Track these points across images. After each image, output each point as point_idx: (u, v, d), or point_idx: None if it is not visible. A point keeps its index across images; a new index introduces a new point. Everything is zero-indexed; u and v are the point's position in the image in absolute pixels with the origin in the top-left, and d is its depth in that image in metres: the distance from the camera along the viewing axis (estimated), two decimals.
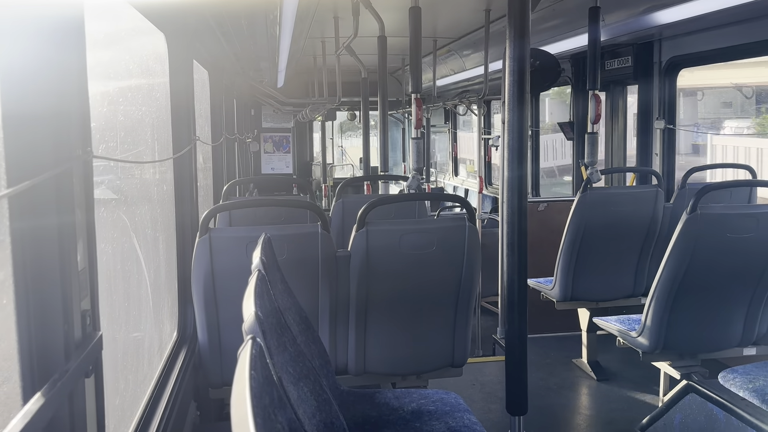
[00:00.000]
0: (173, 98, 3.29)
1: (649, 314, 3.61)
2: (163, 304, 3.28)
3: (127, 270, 2.68)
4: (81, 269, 1.50)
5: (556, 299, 4.80)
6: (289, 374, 1.98)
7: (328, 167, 12.47)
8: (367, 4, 5.00)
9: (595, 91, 4.60)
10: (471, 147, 12.07)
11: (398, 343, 3.46)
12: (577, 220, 4.51)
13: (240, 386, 1.22)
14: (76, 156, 1.48)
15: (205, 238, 3.07)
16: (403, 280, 3.35)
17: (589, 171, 4.55)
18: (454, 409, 2.93)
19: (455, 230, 3.31)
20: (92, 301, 1.58)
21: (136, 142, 2.97)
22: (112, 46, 2.59)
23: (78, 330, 1.48)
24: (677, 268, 3.46)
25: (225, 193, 4.40)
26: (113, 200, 2.59)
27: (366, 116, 6.98)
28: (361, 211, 3.23)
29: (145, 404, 2.56)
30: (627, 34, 5.14)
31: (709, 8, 4.17)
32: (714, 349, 3.75)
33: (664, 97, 5.39)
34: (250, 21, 4.58)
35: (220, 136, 5.24)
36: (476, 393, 4.63)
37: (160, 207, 3.27)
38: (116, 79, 2.57)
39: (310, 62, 9.20)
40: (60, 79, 1.47)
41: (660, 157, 5.48)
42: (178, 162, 3.35)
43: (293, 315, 2.66)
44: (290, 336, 2.28)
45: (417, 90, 4.21)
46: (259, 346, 1.47)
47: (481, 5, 6.02)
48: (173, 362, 3.06)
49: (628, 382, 4.73)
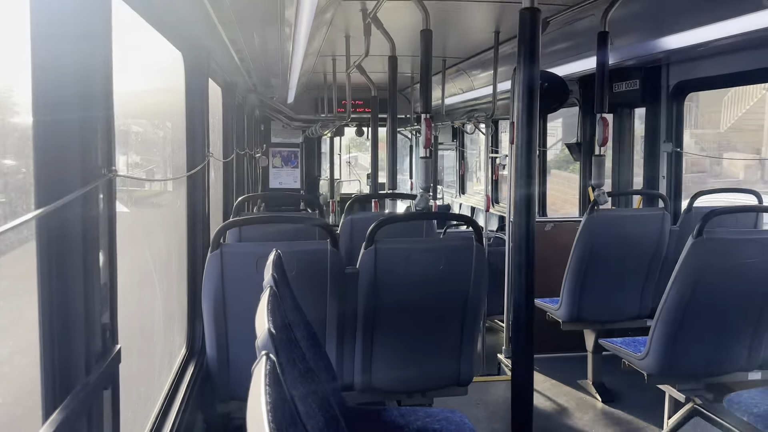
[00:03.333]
0: (188, 115, 3.36)
1: (654, 337, 3.62)
2: (173, 318, 3.32)
3: (141, 283, 2.72)
4: (103, 283, 1.54)
5: (562, 320, 4.81)
6: (298, 390, 2.01)
7: (336, 183, 12.53)
8: (379, 24, 5.08)
9: (602, 114, 4.65)
10: (476, 165, 12.12)
11: (404, 360, 3.49)
12: (584, 241, 4.53)
13: (255, 402, 1.25)
14: (101, 175, 1.53)
15: (216, 253, 3.11)
16: (410, 298, 3.39)
17: (596, 193, 4.59)
18: (459, 428, 2.95)
19: (463, 249, 3.34)
20: (111, 314, 1.63)
21: (150, 159, 3.03)
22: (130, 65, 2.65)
23: (98, 343, 1.52)
24: (683, 291, 3.48)
25: (236, 209, 4.46)
26: (126, 213, 2.64)
27: (375, 133, 7.04)
28: (370, 229, 3.28)
29: (155, 417, 2.60)
30: (635, 58, 5.20)
31: (717, 35, 4.23)
32: (719, 372, 3.75)
33: (671, 120, 5.43)
34: (263, 39, 4.67)
35: (230, 151, 5.30)
36: (480, 412, 4.63)
37: (173, 222, 3.32)
38: (134, 97, 2.63)
39: (320, 79, 9.30)
40: (88, 102, 1.52)
41: (667, 180, 5.52)
42: (192, 178, 3.41)
43: (302, 331, 2.69)
44: (299, 352, 2.31)
45: (427, 110, 4.27)
46: (272, 362, 1.50)
47: (491, 27, 6.10)
48: (182, 376, 3.10)
49: (634, 405, 4.72)
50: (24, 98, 1.40)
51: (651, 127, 5.66)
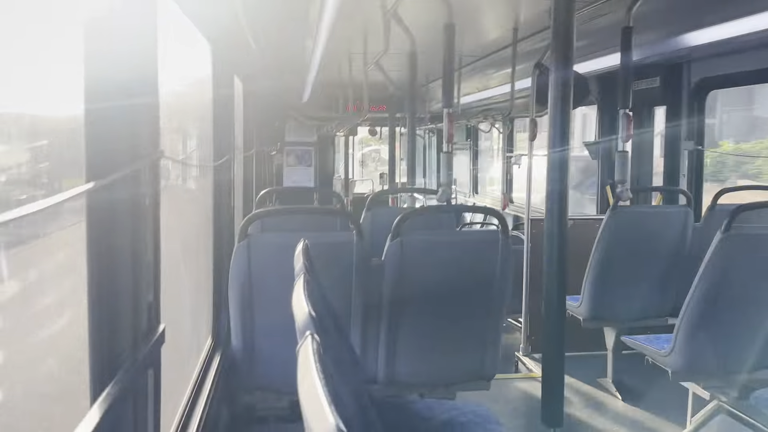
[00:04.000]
0: (216, 109, 3.37)
1: (680, 333, 3.59)
2: (201, 308, 3.33)
3: (173, 270, 2.73)
4: (148, 262, 1.55)
5: (583, 317, 4.78)
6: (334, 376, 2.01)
7: (349, 182, 12.54)
8: (399, 20, 5.07)
9: (626, 110, 4.62)
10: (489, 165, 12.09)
11: (428, 353, 3.48)
12: (607, 238, 4.51)
13: (308, 378, 1.25)
14: (147, 155, 1.54)
15: (243, 243, 3.12)
16: (435, 291, 3.38)
17: (619, 189, 4.56)
18: (486, 422, 2.93)
19: (489, 243, 3.33)
20: (155, 294, 1.63)
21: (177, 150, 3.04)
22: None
23: (144, 322, 1.52)
24: (709, 287, 3.45)
25: (258, 201, 4.47)
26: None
27: (393, 132, 7.04)
28: (396, 221, 3.27)
29: (184, 405, 2.61)
30: (656, 55, 5.17)
31: (741, 31, 4.19)
32: (746, 370, 3.72)
33: (693, 118, 5.39)
34: (284, 36, 4.69)
35: (251, 147, 5.32)
36: (500, 409, 4.61)
37: (200, 213, 3.34)
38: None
39: (336, 77, 9.30)
40: (135, 85, 1.54)
41: (687, 178, 5.48)
42: (218, 170, 3.42)
43: (328, 322, 2.69)
44: (330, 340, 2.31)
45: (449, 105, 4.27)
46: (317, 342, 1.50)
47: (509, 24, 6.07)
48: (209, 365, 3.11)
49: (655, 403, 4.69)
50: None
51: (672, 124, 5.62)
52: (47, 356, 1.53)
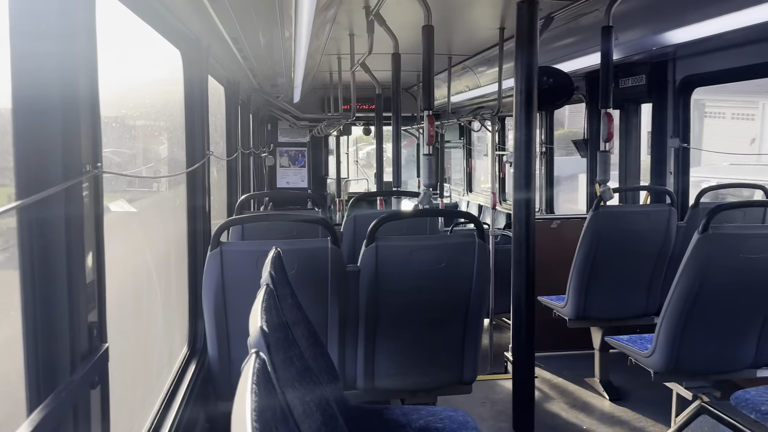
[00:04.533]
0: (187, 113, 3.34)
1: (661, 334, 3.57)
2: (173, 317, 3.31)
3: (139, 282, 2.71)
4: (89, 282, 1.52)
5: (568, 317, 4.76)
6: (295, 389, 1.99)
7: (343, 182, 12.52)
8: (382, 21, 5.05)
9: (607, 109, 4.59)
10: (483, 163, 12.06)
11: (407, 359, 3.46)
12: (590, 237, 4.49)
13: (241, 400, 1.23)
14: (85, 171, 1.51)
15: (216, 252, 3.10)
16: (412, 296, 3.36)
17: (601, 189, 4.54)
18: (462, 427, 2.91)
19: (465, 246, 3.31)
20: (99, 313, 1.61)
21: (150, 157, 3.02)
22: (125, 60, 2.64)
23: (84, 342, 1.50)
24: (689, 287, 3.43)
25: (238, 207, 4.45)
26: (129, 213, 2.63)
27: (380, 132, 7.01)
28: (370, 227, 3.25)
29: (153, 416, 2.58)
30: (641, 53, 5.14)
31: (724, 28, 4.16)
32: (727, 369, 3.70)
33: (678, 115, 5.37)
34: (267, 38, 4.66)
35: (234, 150, 5.30)
36: (486, 411, 4.60)
37: (173, 221, 3.31)
38: (130, 94, 2.62)
39: (326, 78, 9.28)
40: (70, 93, 1.50)
41: (674, 176, 5.45)
42: (191, 176, 3.40)
43: (302, 330, 2.67)
44: (297, 351, 2.29)
45: (429, 107, 4.23)
46: (262, 360, 1.48)
47: (495, 23, 6.05)
48: (183, 375, 3.08)
49: (641, 403, 4.67)
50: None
51: (658, 122, 5.59)
52: None
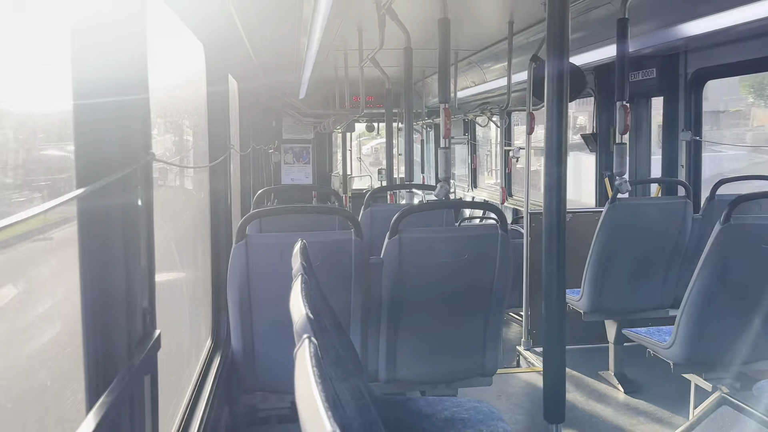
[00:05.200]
0: (210, 108, 3.35)
1: (681, 325, 3.58)
2: (198, 310, 3.31)
3: (167, 274, 2.72)
4: (142, 267, 1.53)
5: (583, 310, 4.77)
6: (333, 377, 2.00)
7: (348, 178, 12.52)
8: (394, 15, 5.05)
9: (623, 102, 4.60)
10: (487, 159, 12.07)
11: (429, 350, 3.47)
12: (606, 231, 4.49)
13: (305, 384, 1.24)
14: (139, 158, 1.52)
15: (241, 244, 3.11)
16: (434, 288, 3.37)
17: (617, 182, 4.55)
18: (488, 418, 2.92)
19: (487, 238, 3.32)
20: (150, 299, 1.62)
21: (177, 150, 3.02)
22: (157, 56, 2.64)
23: (139, 328, 1.51)
24: (710, 278, 3.44)
25: (256, 201, 4.45)
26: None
27: (389, 127, 7.01)
28: (394, 219, 3.26)
29: (184, 407, 2.59)
30: (652, 46, 5.15)
31: (736, 20, 4.17)
32: (747, 360, 3.71)
33: (690, 108, 5.38)
34: (278, 35, 4.67)
35: (247, 146, 5.30)
36: (502, 404, 4.61)
37: (198, 214, 3.32)
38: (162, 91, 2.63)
39: (332, 74, 9.28)
40: (124, 85, 1.51)
41: (686, 169, 5.47)
42: (214, 170, 3.41)
43: (328, 320, 2.68)
44: (330, 340, 2.30)
45: (445, 100, 4.24)
46: (315, 345, 1.49)
47: (505, 17, 6.05)
48: (208, 367, 3.09)
49: (657, 395, 4.68)
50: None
51: (669, 115, 5.60)
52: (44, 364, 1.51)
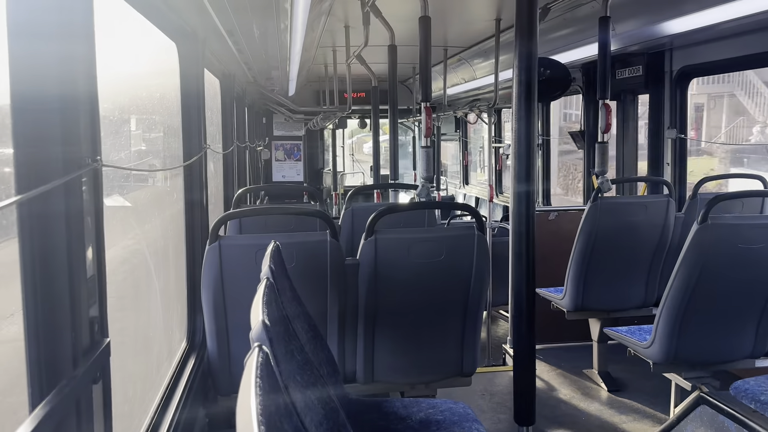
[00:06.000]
0: (184, 106, 3.32)
1: (660, 325, 3.58)
2: (172, 312, 3.29)
3: (137, 277, 2.69)
4: (90, 276, 1.51)
5: (566, 309, 4.77)
6: (297, 382, 1.98)
7: (339, 175, 12.50)
8: (378, 13, 5.03)
9: (605, 100, 4.59)
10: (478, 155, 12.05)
11: (407, 351, 3.45)
12: (588, 229, 4.48)
13: (246, 394, 1.23)
14: (85, 164, 1.49)
15: (214, 246, 3.08)
16: (411, 289, 3.35)
17: (599, 180, 4.53)
18: (462, 419, 2.91)
19: (464, 239, 3.30)
20: (100, 308, 1.59)
21: (147, 150, 3.00)
22: (123, 54, 2.61)
23: (86, 337, 1.49)
24: (688, 278, 3.43)
25: (235, 201, 4.42)
26: (126, 208, 2.61)
27: (376, 125, 6.99)
28: (369, 220, 3.24)
29: (153, 411, 2.57)
30: (638, 43, 5.13)
31: (721, 18, 4.16)
32: (726, 360, 3.71)
33: (675, 106, 5.36)
34: (262, 30, 4.63)
35: (230, 144, 5.27)
36: (485, 403, 4.60)
37: (171, 215, 3.29)
38: (127, 87, 2.59)
39: (321, 71, 9.25)
40: (70, 88, 1.48)
41: (671, 167, 5.46)
42: (188, 170, 3.38)
43: (301, 323, 2.66)
44: (298, 344, 2.28)
45: (427, 99, 4.21)
46: (265, 354, 1.47)
47: (492, 15, 6.03)
48: (182, 370, 3.07)
49: (639, 393, 4.68)
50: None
51: (655, 113, 5.59)
52: None
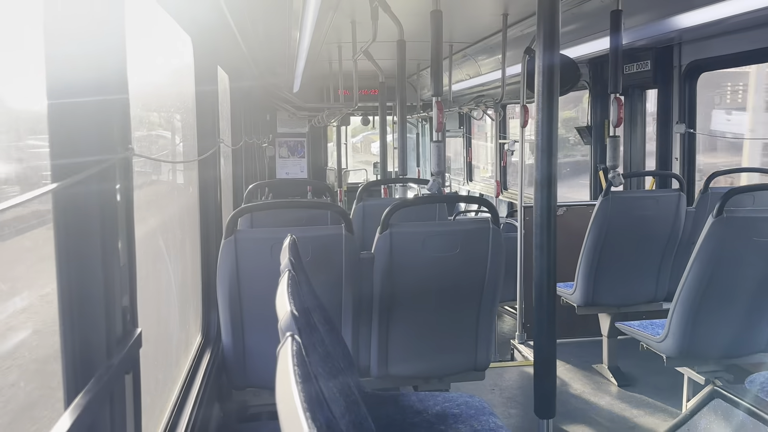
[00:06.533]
0: (198, 102, 3.32)
1: (674, 319, 3.57)
2: (188, 306, 3.29)
3: (156, 270, 2.69)
4: (122, 265, 1.51)
5: (577, 304, 4.77)
6: (320, 374, 1.98)
7: (342, 172, 12.50)
8: (386, 8, 5.01)
9: (617, 94, 4.58)
10: (482, 152, 12.04)
11: (421, 345, 3.45)
12: (599, 223, 4.48)
13: (285, 383, 1.22)
14: (117, 153, 1.49)
15: (230, 240, 3.08)
16: (426, 283, 3.35)
17: (611, 174, 4.53)
18: (479, 413, 2.91)
19: (479, 232, 3.30)
20: (131, 297, 1.59)
21: (164, 144, 2.99)
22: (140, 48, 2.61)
23: (119, 326, 1.48)
24: (702, 272, 3.43)
25: (247, 195, 4.42)
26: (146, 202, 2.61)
27: (383, 121, 6.98)
28: (385, 213, 3.23)
29: (173, 405, 2.57)
30: (646, 38, 5.12)
31: (730, 12, 4.15)
32: (740, 354, 3.71)
33: (684, 101, 5.36)
34: (269, 27, 4.63)
35: (239, 140, 5.27)
36: (496, 398, 4.60)
37: (186, 209, 3.29)
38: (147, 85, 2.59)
39: (326, 67, 9.24)
40: (102, 78, 1.48)
41: (680, 162, 5.45)
42: (203, 164, 3.37)
43: (318, 316, 2.66)
44: (319, 336, 2.28)
45: (438, 93, 4.21)
46: (298, 343, 1.47)
47: (499, 9, 6.02)
48: (198, 364, 3.07)
49: (650, 388, 4.68)
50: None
51: (663, 108, 5.58)
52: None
